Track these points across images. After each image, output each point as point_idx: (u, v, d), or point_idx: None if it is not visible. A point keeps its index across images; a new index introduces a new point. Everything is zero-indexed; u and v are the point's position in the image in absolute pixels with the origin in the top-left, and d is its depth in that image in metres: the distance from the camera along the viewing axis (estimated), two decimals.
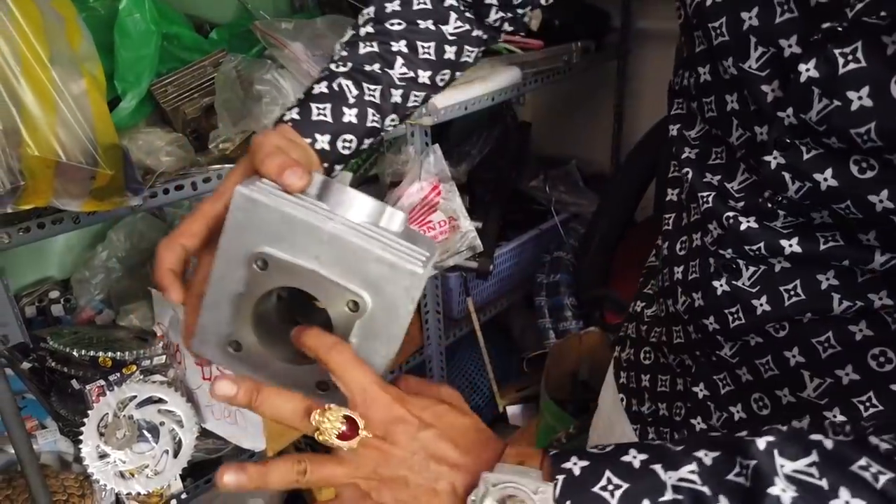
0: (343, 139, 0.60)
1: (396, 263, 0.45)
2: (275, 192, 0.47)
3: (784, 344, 0.53)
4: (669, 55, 1.46)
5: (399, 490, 0.45)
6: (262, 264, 0.47)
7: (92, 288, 1.36)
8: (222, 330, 0.50)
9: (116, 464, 1.11)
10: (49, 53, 0.80)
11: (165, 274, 0.52)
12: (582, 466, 0.42)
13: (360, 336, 0.48)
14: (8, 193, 0.81)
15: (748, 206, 0.52)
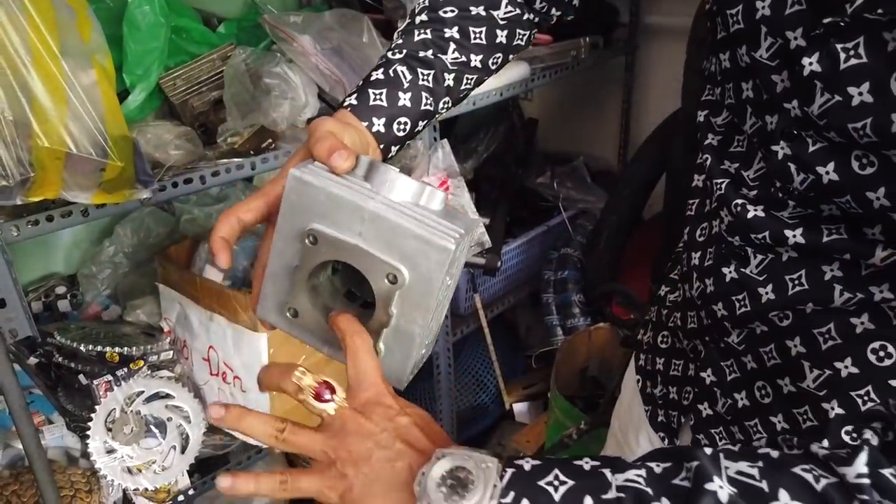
0: (398, 122, 0.64)
1: (429, 239, 0.49)
2: (323, 174, 0.52)
3: (787, 333, 0.54)
4: (678, 51, 1.46)
5: (362, 462, 0.47)
6: (313, 240, 0.52)
7: (99, 283, 1.36)
8: (281, 298, 0.56)
9: (124, 459, 1.10)
10: (60, 45, 0.80)
11: (217, 240, 0.56)
12: (533, 464, 0.45)
13: (399, 306, 0.52)
14: (18, 185, 0.80)
15: (760, 195, 0.53)
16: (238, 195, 1.44)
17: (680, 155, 1.37)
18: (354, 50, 1.26)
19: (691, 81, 1.30)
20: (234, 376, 1.19)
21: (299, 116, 1.18)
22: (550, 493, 0.42)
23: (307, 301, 0.55)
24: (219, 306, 1.17)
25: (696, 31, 1.26)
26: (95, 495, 1.12)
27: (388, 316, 0.53)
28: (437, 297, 0.52)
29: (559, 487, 0.42)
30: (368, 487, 0.47)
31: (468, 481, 0.43)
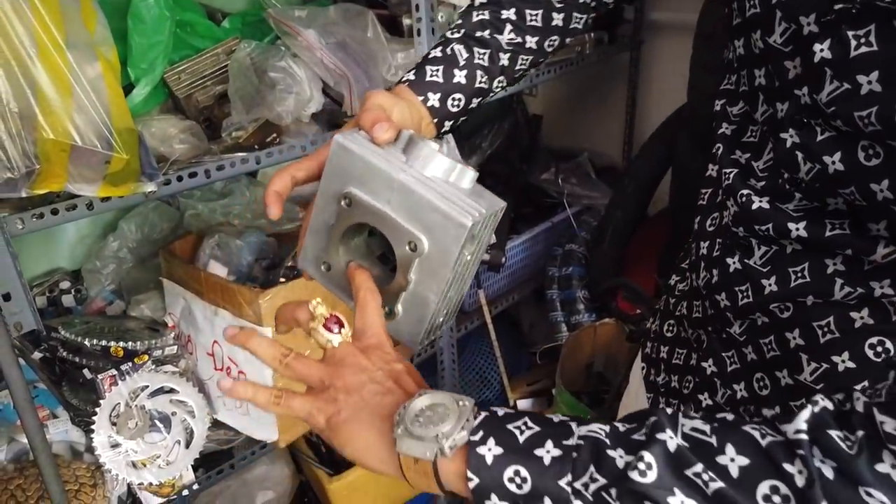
0: (453, 98, 0.68)
1: (449, 213, 0.52)
2: (365, 143, 0.56)
3: (787, 325, 0.54)
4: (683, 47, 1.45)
5: (354, 392, 0.51)
6: (348, 202, 0.56)
7: (103, 278, 1.36)
8: (318, 253, 0.61)
9: (128, 453, 1.10)
10: (65, 36, 0.79)
11: (271, 194, 0.60)
12: (506, 412, 0.48)
13: (417, 273, 0.56)
14: (23, 177, 0.80)
15: (767, 186, 0.53)
16: (242, 190, 1.44)
17: (685, 151, 1.37)
18: (359, 45, 1.26)
19: (697, 76, 1.30)
20: (238, 371, 1.19)
21: (304, 111, 1.18)
22: (516, 435, 0.46)
23: (340, 258, 0.60)
24: (223, 301, 1.17)
25: (702, 26, 1.26)
26: (100, 489, 1.12)
27: (407, 281, 0.56)
28: (455, 270, 0.55)
29: (525, 431, 0.46)
30: (355, 413, 0.51)
31: (445, 414, 0.47)
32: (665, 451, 0.41)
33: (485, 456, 0.45)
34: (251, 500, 1.48)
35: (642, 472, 0.41)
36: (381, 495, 1.55)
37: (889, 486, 0.36)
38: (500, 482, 0.45)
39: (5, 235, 0.89)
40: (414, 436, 0.47)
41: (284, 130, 1.18)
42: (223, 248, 1.32)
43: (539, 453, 0.44)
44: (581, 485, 0.43)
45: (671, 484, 0.40)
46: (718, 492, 0.40)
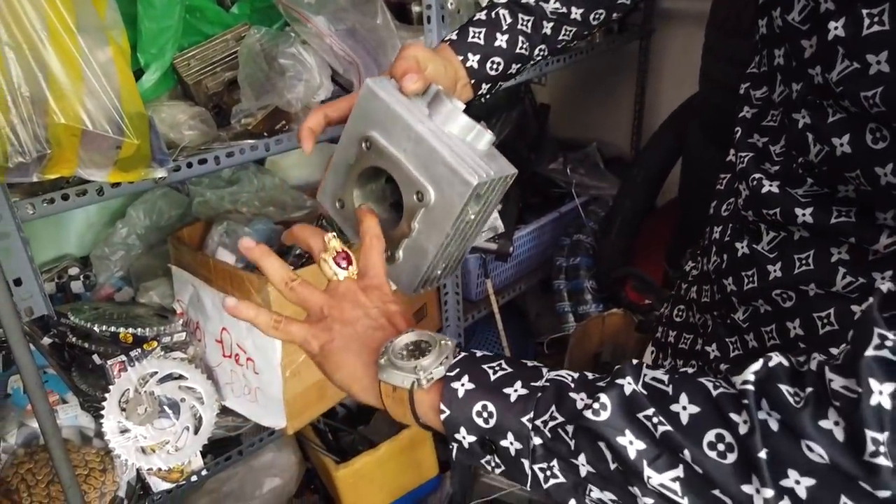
0: (492, 61, 0.69)
1: (457, 170, 0.54)
2: (393, 92, 0.58)
3: (788, 314, 0.55)
4: (694, 36, 1.44)
5: (348, 324, 0.55)
6: (368, 145, 0.59)
7: (111, 265, 1.36)
8: (335, 190, 0.64)
9: (137, 439, 1.10)
10: (76, 20, 0.79)
11: (305, 129, 0.63)
12: (484, 354, 0.51)
13: (421, 223, 0.58)
14: (34, 162, 0.80)
15: (780, 171, 0.53)
16: (250, 178, 1.44)
17: (696, 141, 1.36)
18: (368, 32, 1.25)
19: (710, 66, 1.29)
20: (247, 358, 1.19)
21: (313, 98, 1.17)
22: (489, 374, 0.49)
23: (354, 197, 0.63)
24: (232, 288, 1.17)
25: (715, 15, 1.25)
26: (109, 474, 1.13)
27: (411, 229, 0.59)
28: (456, 226, 0.57)
29: (498, 371, 0.49)
30: (347, 343, 0.54)
31: (426, 349, 0.51)
32: (620, 394, 0.43)
33: (457, 390, 0.48)
34: (258, 487, 1.49)
35: (596, 411, 0.43)
36: (387, 482, 1.55)
37: (830, 441, 0.36)
38: (468, 416, 0.48)
39: (17, 220, 0.89)
40: (395, 366, 0.50)
41: (293, 118, 1.17)
42: (231, 235, 1.32)
43: (507, 391, 0.47)
44: (541, 422, 0.45)
45: (622, 425, 0.42)
46: (666, 434, 0.41)
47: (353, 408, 1.71)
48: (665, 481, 0.41)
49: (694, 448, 0.40)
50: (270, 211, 1.42)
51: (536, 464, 0.46)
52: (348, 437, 1.62)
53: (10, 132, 0.78)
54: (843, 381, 0.37)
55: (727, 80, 1.22)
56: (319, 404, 1.30)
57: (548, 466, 0.46)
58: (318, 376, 1.25)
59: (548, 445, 0.45)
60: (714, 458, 0.40)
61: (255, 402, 1.23)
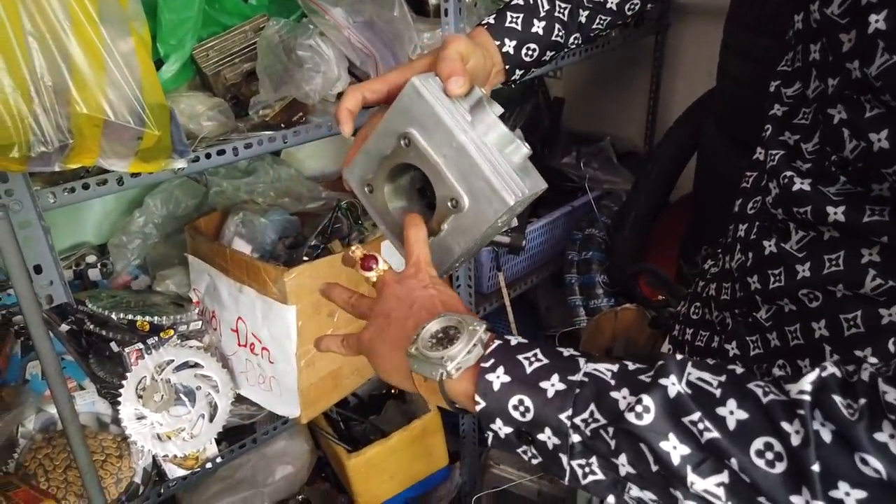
0: (527, 47, 0.69)
1: (496, 188, 0.56)
2: (438, 93, 0.59)
3: (814, 315, 0.54)
4: (710, 31, 1.43)
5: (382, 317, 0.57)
6: (407, 142, 0.60)
7: (129, 253, 1.37)
8: (365, 174, 0.65)
9: (154, 426, 1.12)
10: (98, 10, 0.79)
11: (343, 111, 0.63)
12: (520, 342, 0.51)
13: (450, 225, 0.61)
14: (56, 151, 0.81)
15: (812, 169, 0.53)
16: (266, 169, 1.44)
17: (712, 137, 1.35)
18: (386, 24, 1.25)
19: (728, 62, 1.28)
20: (262, 347, 1.20)
21: (331, 90, 1.18)
22: (525, 365, 0.48)
23: (383, 184, 0.64)
24: (248, 278, 1.18)
25: (734, 11, 1.24)
26: (126, 460, 1.14)
27: (440, 230, 0.61)
28: (485, 233, 0.60)
29: (534, 363, 0.48)
30: (378, 335, 0.57)
31: (455, 337, 0.51)
32: (664, 396, 0.42)
33: (493, 382, 0.48)
34: (271, 474, 1.50)
35: (639, 414, 0.42)
36: (399, 471, 1.57)
37: (885, 454, 0.36)
38: (504, 408, 0.48)
39: (37, 209, 0.90)
40: (424, 357, 0.51)
41: (311, 110, 1.18)
42: (247, 225, 1.32)
43: (544, 385, 0.47)
44: (580, 420, 0.45)
45: (666, 429, 0.42)
46: (712, 442, 0.40)
47: (364, 397, 1.72)
48: (709, 487, 0.41)
49: (741, 455, 0.40)
50: (286, 202, 1.43)
51: (575, 460, 0.46)
52: (360, 426, 1.63)
53: (32, 122, 0.78)
54: None
55: (744, 76, 1.21)
56: (333, 394, 1.31)
57: (586, 463, 0.46)
58: (332, 366, 1.26)
59: (587, 443, 0.45)
60: (762, 466, 0.39)
61: (269, 391, 1.24)
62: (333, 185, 1.55)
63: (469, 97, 0.60)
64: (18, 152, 0.78)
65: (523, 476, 1.60)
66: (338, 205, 1.36)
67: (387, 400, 1.70)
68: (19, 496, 1.02)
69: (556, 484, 1.56)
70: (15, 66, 0.76)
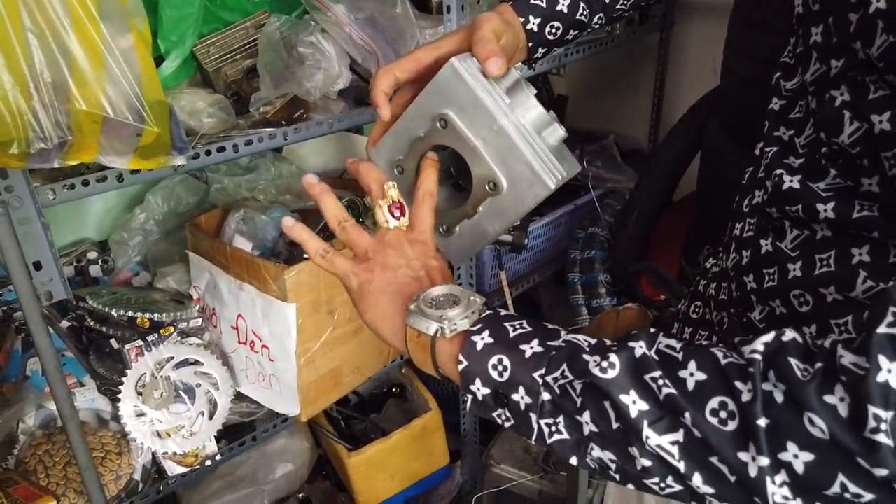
0: (551, 25, 0.69)
1: (538, 172, 0.56)
2: (477, 74, 0.58)
3: (804, 319, 0.54)
4: (715, 29, 1.42)
5: (389, 270, 0.59)
6: (443, 123, 0.59)
7: (129, 250, 1.37)
8: (395, 154, 0.64)
9: (153, 423, 1.12)
10: (99, 6, 0.79)
11: (379, 94, 0.63)
12: (509, 314, 0.54)
13: (486, 208, 0.60)
14: (56, 148, 0.80)
15: (804, 164, 0.53)
16: (267, 165, 1.44)
17: (716, 136, 1.34)
18: (388, 21, 1.24)
19: (733, 61, 1.27)
20: (262, 345, 1.20)
21: (332, 87, 1.17)
22: (509, 330, 0.51)
23: (415, 166, 0.63)
24: (248, 275, 1.18)
25: (739, 9, 1.23)
26: (125, 457, 1.14)
27: (475, 212, 0.61)
28: (520, 216, 0.60)
29: (518, 329, 0.51)
30: (384, 286, 0.58)
31: (454, 302, 0.54)
32: (630, 356, 0.44)
33: (476, 343, 0.51)
34: (271, 472, 1.50)
35: (604, 369, 0.44)
36: (398, 470, 1.56)
37: (833, 416, 0.36)
38: (484, 368, 0.50)
39: (37, 205, 0.90)
40: (423, 313, 0.53)
41: (312, 107, 1.17)
42: (248, 222, 1.32)
43: (523, 347, 0.49)
44: (551, 378, 0.47)
45: (628, 384, 0.44)
46: (670, 397, 0.42)
47: (365, 396, 1.72)
48: (664, 443, 0.42)
49: (696, 413, 0.41)
50: (287, 199, 1.42)
51: (543, 419, 0.48)
52: (360, 424, 1.63)
53: (32, 118, 0.78)
54: (853, 357, 0.36)
55: (748, 74, 1.20)
56: (333, 392, 1.30)
57: (554, 422, 0.47)
58: (332, 365, 1.26)
59: (556, 401, 0.47)
60: (715, 424, 0.40)
61: (269, 388, 1.24)
62: (335, 181, 1.55)
63: (506, 78, 0.59)
64: (18, 149, 0.78)
65: (524, 476, 1.60)
66: None
67: (387, 398, 1.70)
68: (19, 492, 1.02)
69: (556, 484, 1.56)
70: (14, 62, 0.76)
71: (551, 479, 1.57)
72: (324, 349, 1.21)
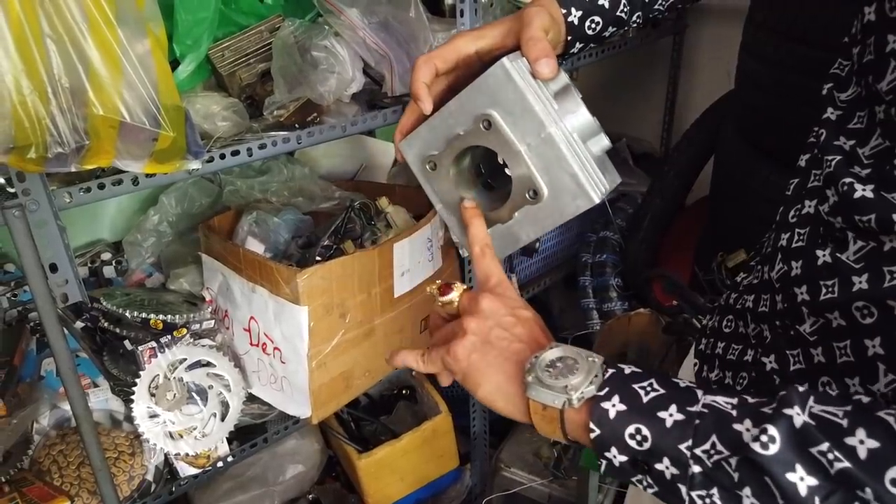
0: (592, 19, 0.67)
1: (584, 185, 0.55)
2: (527, 76, 0.55)
3: (868, 331, 0.51)
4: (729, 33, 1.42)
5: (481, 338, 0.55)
6: (487, 125, 0.57)
7: (143, 251, 1.38)
8: (429, 149, 0.62)
9: (166, 424, 1.12)
10: (116, 11, 0.79)
11: (420, 86, 0.61)
12: (633, 370, 0.50)
13: (523, 214, 0.59)
14: (73, 152, 0.81)
15: (873, 174, 0.50)
16: (280, 168, 1.45)
17: (730, 139, 1.34)
18: (401, 24, 1.25)
19: (749, 66, 1.26)
20: (273, 347, 1.20)
21: (345, 91, 1.18)
22: (641, 395, 0.48)
23: (450, 164, 0.61)
24: (261, 278, 1.18)
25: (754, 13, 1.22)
26: (138, 458, 1.15)
27: (510, 217, 0.59)
28: (557, 225, 0.58)
29: (650, 392, 0.48)
30: (484, 357, 0.55)
31: (574, 367, 0.50)
32: (790, 427, 0.41)
33: (608, 410, 0.48)
34: (281, 473, 1.51)
35: (764, 444, 0.41)
36: (408, 473, 1.57)
37: None
38: (620, 436, 0.47)
39: (54, 208, 0.91)
40: (544, 384, 0.50)
41: (325, 110, 1.18)
42: (261, 225, 1.33)
43: (662, 415, 0.46)
44: (701, 451, 0.44)
45: (792, 459, 0.40)
46: (843, 472, 0.39)
47: (375, 398, 1.72)
48: None
49: (875, 484, 0.38)
50: (299, 201, 1.43)
51: (695, 490, 0.45)
52: (371, 426, 1.63)
53: (49, 123, 0.79)
54: None
55: (764, 79, 1.20)
56: (344, 395, 1.31)
57: (707, 494, 0.45)
58: (343, 367, 1.26)
59: (708, 474, 0.44)
60: None
61: (280, 390, 1.24)
62: (347, 184, 1.55)
63: (554, 82, 0.57)
64: (36, 153, 0.79)
65: (534, 479, 1.60)
66: (351, 205, 1.36)
67: (398, 401, 1.70)
68: (33, 493, 1.03)
69: (567, 488, 1.56)
70: (33, 67, 0.76)
71: (561, 483, 1.57)
72: (335, 352, 1.22)
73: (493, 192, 0.63)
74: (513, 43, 0.61)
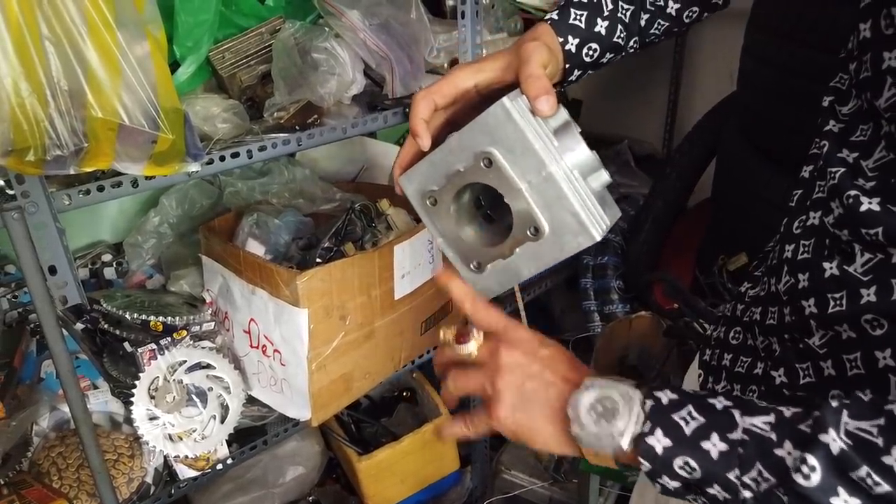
0: (589, 47, 0.68)
1: (585, 223, 0.55)
2: (527, 115, 0.56)
3: (878, 343, 0.51)
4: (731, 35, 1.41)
5: (515, 394, 0.55)
6: (487, 162, 0.57)
7: (143, 252, 1.38)
8: (429, 184, 0.62)
9: (165, 426, 1.12)
10: (115, 14, 0.79)
11: (419, 122, 0.61)
12: (670, 398, 0.50)
13: (524, 250, 0.58)
14: (72, 155, 0.81)
15: (877, 187, 0.50)
16: (281, 169, 1.44)
17: (733, 143, 1.33)
18: (402, 26, 1.25)
19: (750, 68, 1.26)
20: (273, 349, 1.20)
21: (346, 93, 1.18)
22: (682, 427, 0.48)
23: (450, 200, 0.61)
24: (261, 280, 1.18)
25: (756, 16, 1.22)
26: (137, 460, 1.15)
27: (511, 253, 0.59)
28: (558, 261, 0.58)
29: (690, 423, 0.48)
30: (525, 413, 0.55)
31: (615, 409, 0.50)
32: (828, 455, 0.42)
33: (654, 447, 0.49)
34: (281, 475, 1.51)
35: (806, 475, 0.43)
36: (408, 475, 1.56)
37: None
38: (669, 467, 0.49)
39: (53, 211, 0.91)
40: (591, 433, 0.51)
41: (325, 112, 1.17)
42: (261, 226, 1.32)
43: (706, 446, 0.47)
44: (749, 479, 0.46)
45: (835, 485, 0.42)
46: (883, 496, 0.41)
47: (376, 399, 1.72)
48: None
49: None
50: (300, 203, 1.42)
51: None
52: (371, 428, 1.63)
53: (48, 125, 0.79)
54: None
55: (766, 82, 1.19)
56: (344, 397, 1.30)
57: None
58: (343, 370, 1.26)
59: (759, 499, 0.46)
60: None
61: (280, 393, 1.24)
62: (348, 186, 1.55)
63: (554, 119, 0.57)
64: (34, 155, 0.79)
65: (534, 482, 1.59)
66: (352, 207, 1.36)
67: (398, 403, 1.70)
68: (32, 495, 1.03)
69: (567, 491, 1.55)
70: (32, 70, 0.76)
71: (562, 485, 1.57)
72: (335, 354, 1.22)
73: (493, 224, 0.63)
74: (511, 78, 0.61)
